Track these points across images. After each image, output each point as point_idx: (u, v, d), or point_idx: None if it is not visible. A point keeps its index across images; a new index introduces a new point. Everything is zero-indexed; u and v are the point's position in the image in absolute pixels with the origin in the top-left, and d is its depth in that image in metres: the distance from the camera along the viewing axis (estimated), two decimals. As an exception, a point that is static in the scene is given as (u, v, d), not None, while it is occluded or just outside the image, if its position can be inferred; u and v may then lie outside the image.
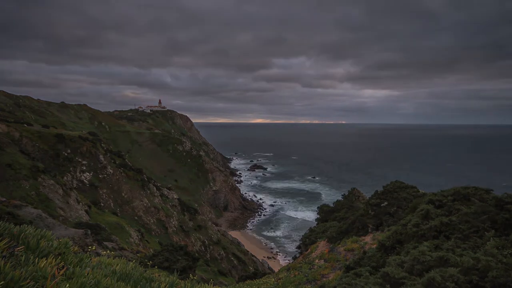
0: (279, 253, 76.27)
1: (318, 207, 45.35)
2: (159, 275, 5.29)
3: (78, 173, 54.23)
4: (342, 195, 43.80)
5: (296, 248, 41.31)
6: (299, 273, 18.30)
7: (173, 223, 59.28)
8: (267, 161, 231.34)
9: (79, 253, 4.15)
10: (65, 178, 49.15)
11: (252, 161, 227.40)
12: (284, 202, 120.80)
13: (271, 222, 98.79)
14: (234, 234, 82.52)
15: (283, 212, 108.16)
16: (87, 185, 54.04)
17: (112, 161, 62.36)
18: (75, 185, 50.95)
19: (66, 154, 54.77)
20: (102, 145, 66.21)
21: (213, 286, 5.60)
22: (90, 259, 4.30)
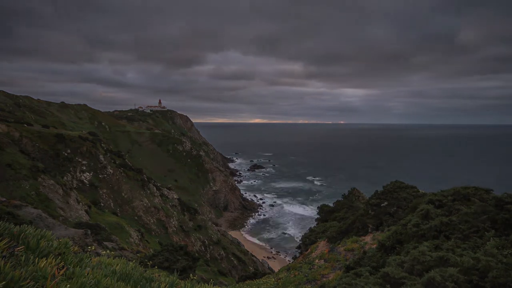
0: (279, 253, 76.29)
1: (318, 207, 45.37)
2: (159, 275, 5.29)
3: (78, 173, 54.23)
4: (342, 195, 43.79)
5: (296, 248, 41.33)
6: (299, 273, 18.30)
7: (173, 223, 59.29)
8: (267, 161, 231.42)
9: (79, 253, 4.15)
10: (65, 178, 49.16)
11: (252, 161, 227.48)
12: (284, 202, 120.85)
13: (271, 222, 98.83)
14: (234, 234, 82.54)
15: (283, 212, 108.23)
16: (87, 185, 54.04)
17: (112, 161, 62.36)
18: (75, 185, 50.96)
19: (66, 154, 54.77)
20: (102, 145, 66.23)
21: (213, 286, 5.60)
22: (90, 259, 4.30)
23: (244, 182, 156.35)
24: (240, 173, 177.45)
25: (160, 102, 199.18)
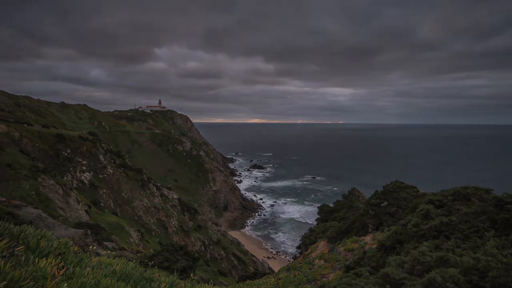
0: (279, 253, 76.28)
1: (318, 207, 45.34)
2: (159, 275, 5.29)
3: (78, 173, 54.23)
4: (342, 195, 43.78)
5: (296, 248, 41.30)
6: (299, 273, 18.30)
7: (173, 223, 59.29)
8: (267, 161, 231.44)
9: (79, 253, 4.14)
10: (65, 178, 49.15)
11: (252, 161, 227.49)
12: (284, 202, 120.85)
13: (271, 222, 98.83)
14: (234, 234, 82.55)
15: (283, 212, 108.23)
16: (87, 185, 54.04)
17: (112, 161, 62.36)
18: (75, 185, 50.95)
19: (66, 154, 54.77)
20: (102, 145, 66.22)
21: (213, 286, 5.60)
22: (90, 259, 4.30)
23: (244, 182, 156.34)
24: (240, 173, 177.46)
25: (160, 102, 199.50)
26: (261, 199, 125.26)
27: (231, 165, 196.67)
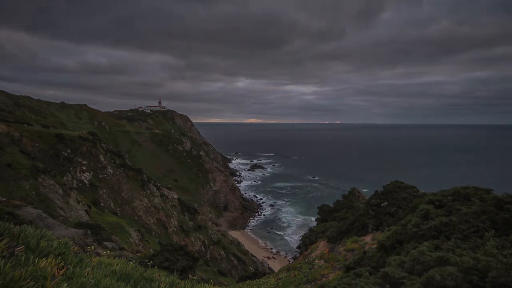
0: (279, 253, 76.29)
1: (318, 207, 45.33)
2: (159, 275, 5.29)
3: (78, 173, 54.23)
4: (342, 195, 43.76)
5: (296, 248, 41.32)
6: (299, 273, 18.30)
7: (173, 223, 59.29)
8: (267, 161, 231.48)
9: (79, 253, 4.14)
10: (65, 178, 49.15)
11: (252, 161, 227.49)
12: (284, 202, 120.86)
13: (271, 222, 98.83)
14: (234, 234, 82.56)
15: (283, 212, 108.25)
16: (87, 185, 54.03)
17: (112, 161, 62.36)
18: (75, 185, 50.95)
19: (66, 154, 54.77)
20: (102, 145, 66.21)
21: (213, 286, 5.60)
22: (90, 259, 4.30)
23: (244, 182, 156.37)
24: (240, 173, 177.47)
25: (160, 102, 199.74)
26: (261, 199, 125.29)
27: (231, 165, 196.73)
